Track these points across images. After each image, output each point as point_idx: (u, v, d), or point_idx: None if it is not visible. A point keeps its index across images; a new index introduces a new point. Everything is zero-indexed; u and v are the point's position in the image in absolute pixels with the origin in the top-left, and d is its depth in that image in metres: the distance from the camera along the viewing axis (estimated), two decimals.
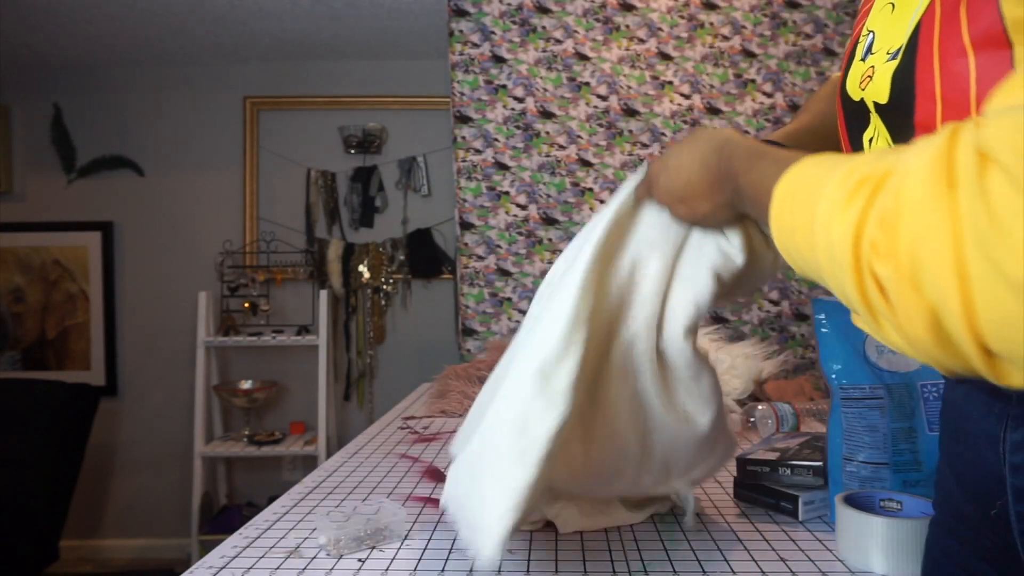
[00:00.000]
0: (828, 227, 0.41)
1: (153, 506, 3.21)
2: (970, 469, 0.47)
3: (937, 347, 0.36)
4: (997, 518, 0.44)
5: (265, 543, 0.83)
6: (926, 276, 0.34)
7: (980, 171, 0.32)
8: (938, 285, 0.34)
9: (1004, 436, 0.43)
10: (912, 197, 0.35)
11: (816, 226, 0.42)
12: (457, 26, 2.35)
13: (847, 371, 0.86)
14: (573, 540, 0.84)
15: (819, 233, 0.42)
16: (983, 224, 0.31)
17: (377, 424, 1.52)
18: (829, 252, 0.41)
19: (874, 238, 0.37)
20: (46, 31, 2.79)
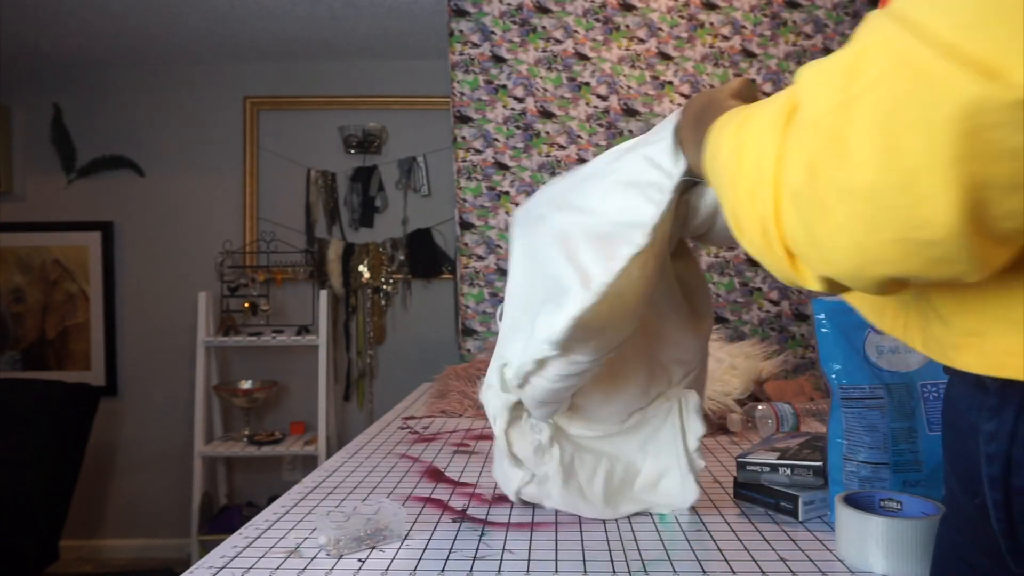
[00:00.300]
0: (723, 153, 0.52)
1: (153, 506, 3.21)
2: (960, 461, 0.48)
3: (765, 249, 0.46)
4: (985, 509, 0.45)
5: (265, 543, 0.83)
6: (757, 189, 0.45)
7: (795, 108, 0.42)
8: (763, 197, 0.44)
9: (980, 426, 0.45)
10: (757, 128, 0.46)
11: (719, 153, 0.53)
12: (457, 26, 2.35)
13: (847, 371, 0.86)
14: (573, 540, 0.84)
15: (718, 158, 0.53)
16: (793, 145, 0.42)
17: (377, 424, 1.52)
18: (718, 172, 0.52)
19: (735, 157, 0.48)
20: (46, 31, 2.79)
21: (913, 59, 0.35)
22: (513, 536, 0.85)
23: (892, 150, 0.36)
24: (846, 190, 0.38)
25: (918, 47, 0.35)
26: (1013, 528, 0.43)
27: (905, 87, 0.35)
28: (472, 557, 0.79)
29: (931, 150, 0.35)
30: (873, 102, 0.37)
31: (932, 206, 0.36)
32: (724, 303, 2.30)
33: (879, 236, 0.38)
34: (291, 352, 3.19)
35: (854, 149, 0.37)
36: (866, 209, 0.38)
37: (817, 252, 0.42)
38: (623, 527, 0.88)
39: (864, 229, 0.38)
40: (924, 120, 0.35)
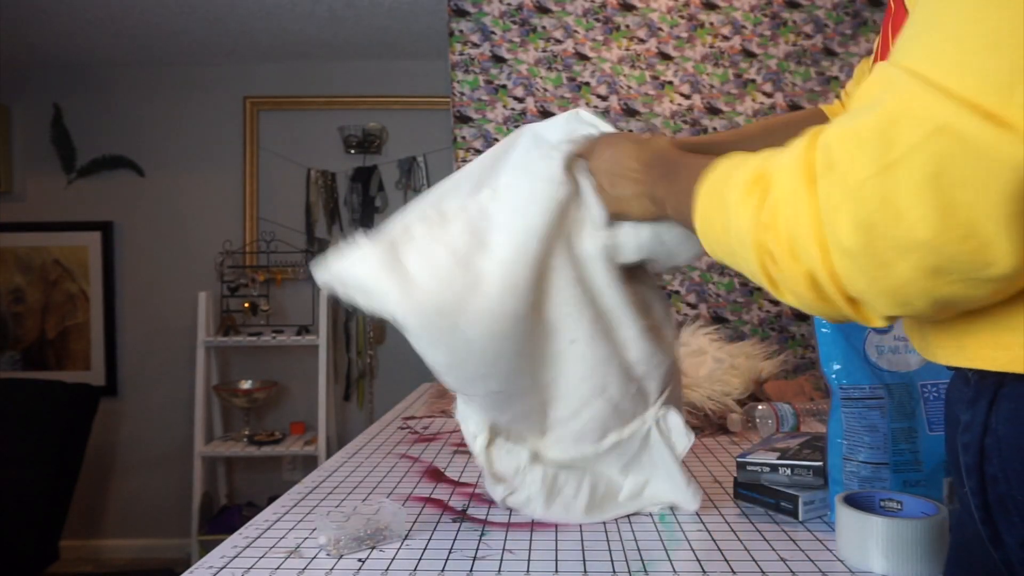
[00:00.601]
0: (737, 216, 0.52)
1: (153, 506, 3.21)
2: (951, 453, 0.50)
3: (818, 301, 0.48)
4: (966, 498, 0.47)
5: (265, 543, 0.83)
6: (800, 249, 0.46)
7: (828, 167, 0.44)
8: (809, 254, 0.45)
9: (960, 418, 0.47)
10: (785, 189, 0.47)
11: (728, 216, 0.54)
12: (457, 26, 2.35)
13: (847, 371, 0.86)
14: (573, 540, 0.84)
15: (731, 219, 0.53)
16: (826, 205, 0.43)
17: (377, 424, 1.52)
18: (738, 236, 0.52)
19: (764, 220, 0.49)
20: (46, 31, 2.79)
21: (955, 125, 0.38)
22: (513, 536, 0.85)
23: (947, 206, 0.38)
24: (906, 247, 0.40)
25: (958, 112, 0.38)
26: (989, 515, 0.45)
27: (950, 150, 0.38)
28: (472, 557, 0.79)
29: (988, 207, 0.37)
30: (919, 163, 0.39)
31: (994, 251, 0.39)
32: (724, 303, 2.30)
33: (946, 279, 0.41)
34: (291, 352, 3.19)
35: (907, 210, 0.39)
36: (930, 260, 0.40)
37: (882, 298, 0.44)
38: (623, 527, 0.88)
39: (930, 277, 0.41)
40: (976, 181, 0.37)
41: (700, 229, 0.60)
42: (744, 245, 0.52)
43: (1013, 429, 0.43)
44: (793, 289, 0.49)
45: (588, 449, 0.89)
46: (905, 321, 0.54)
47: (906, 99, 0.40)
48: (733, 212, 0.53)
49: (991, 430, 0.44)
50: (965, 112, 0.37)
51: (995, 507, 0.44)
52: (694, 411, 1.40)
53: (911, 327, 0.54)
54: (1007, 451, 0.43)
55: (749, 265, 0.53)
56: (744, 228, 0.52)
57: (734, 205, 0.53)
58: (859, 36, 2.33)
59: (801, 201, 0.46)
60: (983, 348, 0.44)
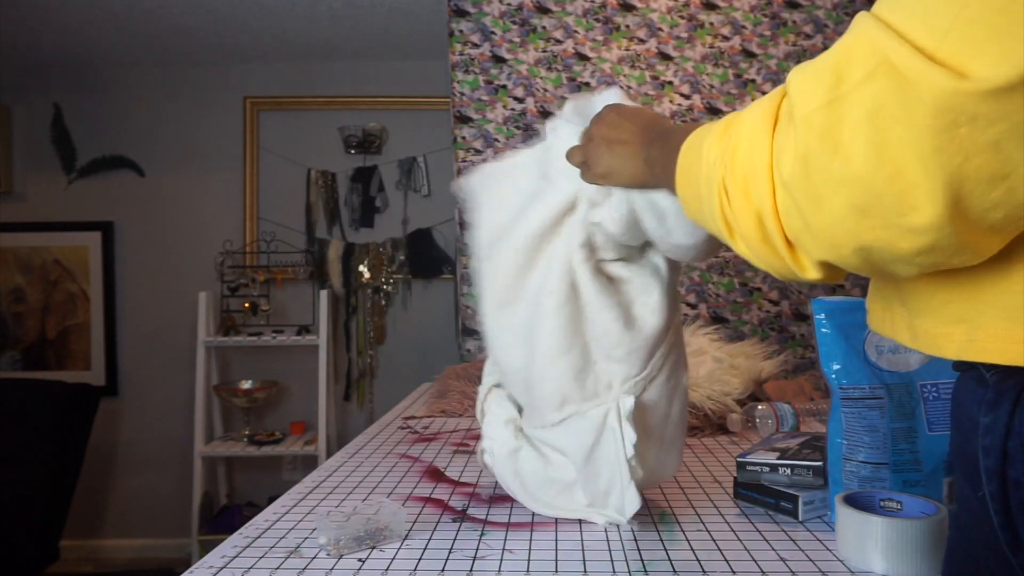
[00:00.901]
0: (708, 160, 0.54)
1: (153, 506, 3.21)
2: (963, 456, 0.49)
3: (763, 244, 0.49)
4: (985, 502, 0.46)
5: (265, 543, 0.83)
6: (752, 186, 0.47)
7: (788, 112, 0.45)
8: (759, 191, 0.47)
9: (980, 420, 0.46)
10: (748, 131, 0.49)
11: (700, 162, 0.55)
12: (457, 26, 2.35)
13: (847, 371, 0.86)
14: (573, 540, 0.84)
15: (703, 165, 0.55)
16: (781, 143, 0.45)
17: (377, 424, 1.52)
18: (707, 179, 0.54)
19: (726, 158, 0.51)
20: (46, 31, 2.79)
21: (895, 60, 0.39)
22: (513, 536, 0.85)
23: (881, 143, 0.39)
24: (839, 180, 0.41)
25: (899, 49, 0.39)
26: (1010, 519, 0.44)
27: (889, 85, 0.39)
28: (472, 557, 0.79)
29: (915, 143, 0.38)
30: (861, 99, 0.40)
31: (917, 195, 0.39)
32: (724, 303, 2.30)
33: (871, 222, 0.41)
34: (291, 352, 3.19)
35: (845, 142, 0.41)
36: (858, 197, 0.41)
37: (813, 238, 0.45)
38: (623, 527, 0.88)
39: (857, 216, 0.42)
40: (907, 115, 0.38)
41: (679, 183, 0.61)
42: (709, 186, 0.53)
43: None
44: (742, 230, 0.50)
45: (548, 417, 0.89)
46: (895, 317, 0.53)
47: (864, 39, 0.41)
48: (704, 157, 0.55)
49: (1015, 432, 0.43)
50: (904, 48, 0.39)
51: (1017, 512, 0.43)
52: (694, 411, 1.40)
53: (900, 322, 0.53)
54: None
55: (711, 208, 0.53)
56: (709, 169, 0.53)
57: (706, 151, 0.54)
58: None
59: (760, 141, 0.47)
60: (994, 341, 0.43)
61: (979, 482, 0.46)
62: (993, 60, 0.36)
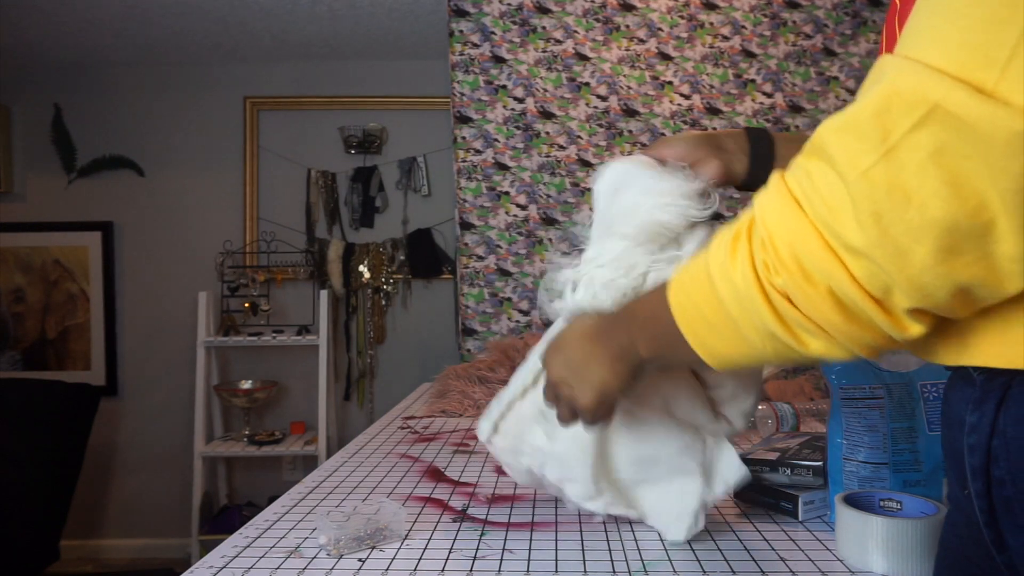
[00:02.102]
0: (728, 279, 0.49)
1: (153, 506, 3.21)
2: (951, 454, 0.50)
3: (847, 321, 0.44)
4: (971, 499, 0.46)
5: (265, 543, 0.83)
6: (811, 267, 0.44)
7: (810, 179, 0.43)
8: (823, 269, 0.43)
9: (966, 419, 0.46)
10: (774, 219, 0.46)
11: (717, 288, 0.50)
12: (457, 26, 2.35)
13: (847, 371, 0.86)
14: (573, 540, 0.84)
15: (722, 291, 0.50)
16: (824, 213, 0.42)
17: (377, 424, 1.52)
18: (736, 296, 0.49)
19: (764, 260, 0.46)
20: (46, 31, 2.79)
21: (949, 106, 0.37)
22: (513, 536, 0.85)
23: (955, 180, 0.38)
24: (920, 228, 0.39)
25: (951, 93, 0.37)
26: (994, 518, 0.44)
27: (947, 128, 0.37)
28: (472, 557, 0.79)
29: (991, 178, 0.37)
30: (918, 143, 0.38)
31: (1002, 226, 0.38)
32: None
33: (964, 260, 0.39)
34: (291, 352, 3.19)
35: (915, 189, 0.39)
36: (946, 240, 0.39)
37: (907, 292, 0.42)
38: (623, 527, 0.88)
39: (948, 258, 0.40)
40: (976, 153, 0.37)
41: (687, 326, 0.55)
42: (748, 303, 0.48)
43: (1022, 431, 0.42)
44: (818, 319, 0.45)
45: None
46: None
47: (898, 82, 0.40)
48: (722, 277, 0.50)
49: (999, 432, 0.43)
50: (957, 89, 0.37)
51: (1000, 510, 0.44)
52: None
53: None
54: (1015, 453, 0.43)
55: (760, 320, 0.48)
56: (742, 281, 0.48)
57: (720, 271, 0.50)
58: (859, 36, 2.33)
59: (795, 221, 0.44)
60: (991, 345, 0.44)
61: (966, 480, 0.46)
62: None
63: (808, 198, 0.44)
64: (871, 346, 0.46)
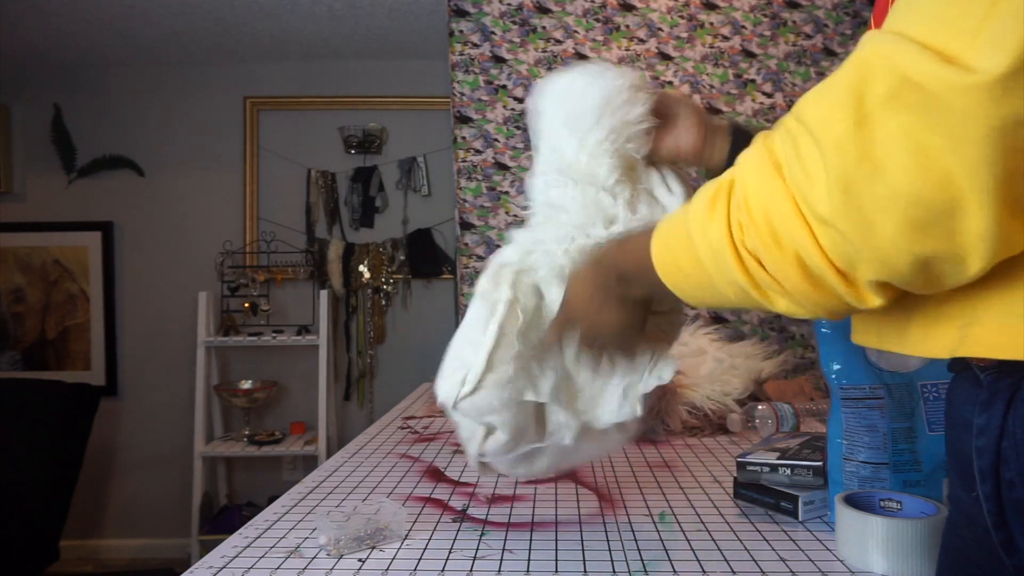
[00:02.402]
0: (705, 236, 0.51)
1: (153, 506, 3.21)
2: (957, 456, 0.49)
3: (811, 287, 0.46)
4: (979, 502, 0.46)
5: (265, 543, 0.83)
6: (782, 232, 0.45)
7: (794, 145, 0.43)
8: (792, 235, 0.44)
9: (973, 421, 0.46)
10: (753, 181, 0.47)
11: (694, 243, 0.52)
12: (457, 26, 2.35)
13: (847, 371, 0.86)
14: (573, 540, 0.84)
15: (699, 247, 0.52)
16: (800, 178, 0.43)
17: (377, 424, 1.52)
18: (711, 253, 0.50)
19: (739, 220, 0.48)
20: (46, 31, 2.79)
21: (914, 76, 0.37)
22: (513, 536, 0.85)
23: (922, 154, 0.38)
24: (887, 199, 0.39)
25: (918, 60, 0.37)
26: (1003, 519, 0.44)
27: (915, 101, 0.37)
28: (472, 557, 0.79)
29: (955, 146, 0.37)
30: (888, 114, 0.38)
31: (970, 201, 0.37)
32: None
33: (928, 233, 0.40)
34: (291, 352, 3.19)
35: (883, 160, 0.39)
36: (911, 212, 0.39)
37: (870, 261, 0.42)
38: (623, 527, 0.88)
39: (913, 231, 0.40)
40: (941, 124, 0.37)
41: (668, 278, 0.57)
42: (722, 260, 0.50)
43: None
44: (784, 283, 0.47)
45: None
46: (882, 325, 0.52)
47: (873, 52, 0.40)
48: (699, 234, 0.51)
49: (1008, 433, 0.43)
50: (924, 58, 0.37)
51: (1011, 512, 0.43)
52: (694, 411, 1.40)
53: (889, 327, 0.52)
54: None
55: (731, 276, 0.50)
56: (716, 239, 0.50)
57: (699, 228, 0.52)
58: (859, 36, 2.33)
59: (771, 185, 0.45)
60: (989, 335, 0.43)
61: (973, 482, 0.46)
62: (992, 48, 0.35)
63: (788, 163, 0.44)
64: (834, 312, 0.48)
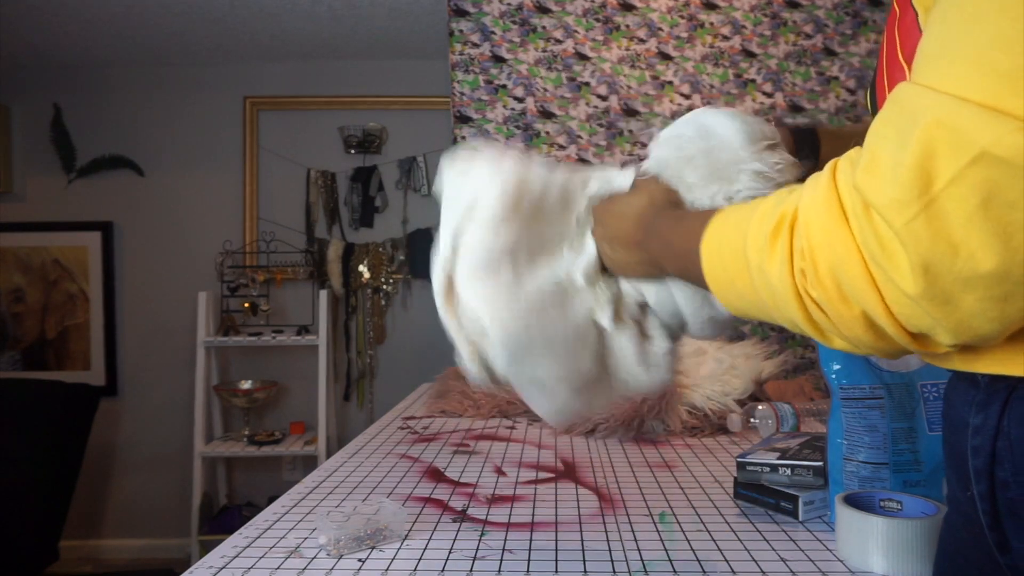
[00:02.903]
0: (763, 270, 0.49)
1: (153, 506, 3.21)
2: (953, 455, 0.49)
3: (877, 341, 0.45)
4: (975, 502, 0.46)
5: (265, 543, 0.83)
6: (849, 291, 0.43)
7: (864, 206, 0.41)
8: (860, 296, 0.43)
9: (969, 421, 0.46)
10: (818, 231, 0.44)
11: (751, 270, 0.51)
12: (457, 26, 2.35)
13: (847, 371, 0.86)
14: (573, 540, 0.84)
15: (756, 276, 0.50)
16: (875, 248, 0.41)
17: (377, 424, 1.52)
18: (770, 290, 0.49)
19: (802, 268, 0.46)
20: (46, 31, 2.79)
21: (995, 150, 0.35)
22: (513, 536, 0.85)
23: (1003, 232, 0.37)
24: (968, 279, 0.38)
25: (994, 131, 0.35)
26: (998, 520, 0.44)
27: (995, 174, 0.36)
28: (472, 557, 0.79)
29: None
30: (962, 193, 0.37)
31: None
32: None
33: (1016, 306, 0.39)
34: (291, 352, 3.19)
35: (962, 243, 0.37)
36: (997, 290, 0.38)
37: (951, 333, 0.41)
38: (623, 527, 0.88)
39: (1000, 303, 0.39)
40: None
41: (717, 288, 0.57)
42: (781, 298, 0.49)
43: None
44: (847, 334, 0.46)
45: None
46: None
47: (938, 125, 0.37)
48: (758, 265, 0.50)
49: (1003, 433, 0.43)
50: (1006, 129, 0.35)
51: (1004, 512, 0.43)
52: (694, 411, 1.40)
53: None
54: (1020, 455, 0.42)
55: (789, 316, 0.49)
56: (777, 280, 0.48)
57: (758, 258, 0.50)
58: (859, 36, 2.33)
59: (840, 241, 0.43)
60: (1003, 353, 0.43)
61: (968, 482, 0.46)
62: None
63: (857, 217, 0.42)
64: (896, 355, 0.48)
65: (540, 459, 1.21)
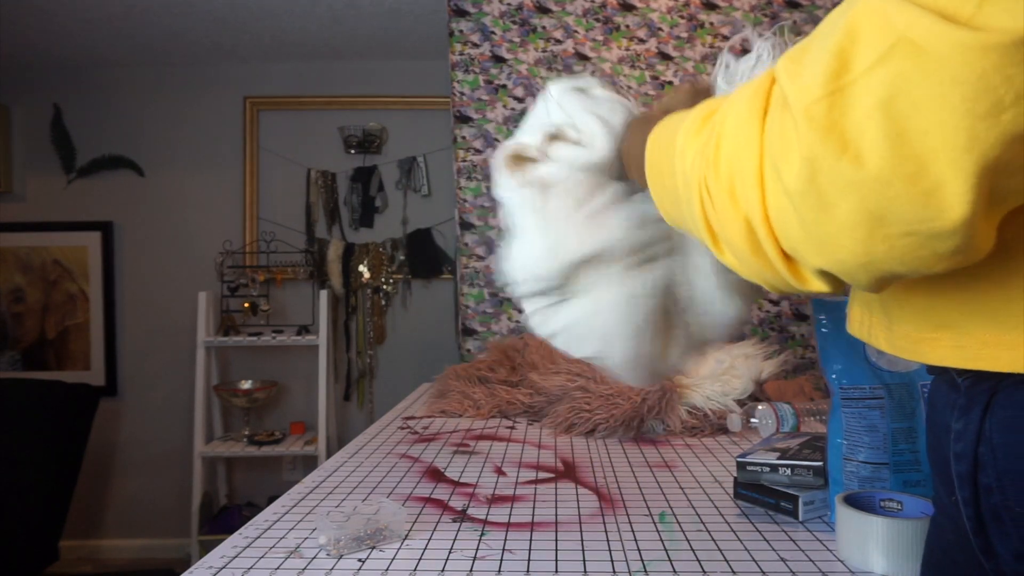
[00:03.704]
0: (683, 154, 0.48)
1: (153, 506, 3.21)
2: (937, 459, 0.49)
3: (753, 254, 0.43)
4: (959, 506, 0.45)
5: (265, 543, 0.83)
6: (739, 188, 0.41)
7: (783, 101, 0.38)
8: (747, 196, 0.41)
9: (951, 426, 0.45)
10: (733, 121, 0.42)
11: (674, 156, 0.49)
12: (457, 26, 2.35)
13: (847, 371, 0.86)
14: (573, 540, 0.84)
15: (676, 161, 0.49)
16: (775, 142, 0.38)
17: (377, 424, 1.52)
18: (684, 175, 0.48)
19: (708, 154, 0.44)
20: (46, 31, 2.79)
21: (914, 36, 0.32)
22: (513, 536, 0.85)
23: (899, 136, 0.33)
24: (848, 183, 0.35)
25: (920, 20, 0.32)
26: (982, 525, 0.44)
27: (908, 67, 0.32)
28: (472, 557, 0.79)
29: (943, 132, 0.32)
30: (870, 85, 0.34)
31: (944, 194, 0.33)
32: None
33: (886, 231, 0.35)
34: (291, 352, 3.19)
35: (853, 138, 0.34)
36: (873, 202, 0.35)
37: (816, 249, 0.39)
38: (623, 527, 0.88)
39: (870, 224, 0.36)
40: (933, 99, 0.32)
41: (650, 180, 0.55)
42: (688, 186, 0.47)
43: (1008, 437, 0.41)
44: (729, 238, 0.44)
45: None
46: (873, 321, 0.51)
47: (867, 9, 0.35)
48: (679, 151, 0.48)
49: (985, 439, 0.42)
50: (928, 18, 0.32)
51: (988, 518, 0.43)
52: (694, 411, 1.40)
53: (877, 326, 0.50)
54: (1002, 460, 0.41)
55: (692, 210, 0.47)
56: (689, 166, 0.46)
57: (681, 144, 0.48)
58: None
59: (747, 135, 0.41)
60: (984, 347, 0.41)
61: (952, 487, 0.45)
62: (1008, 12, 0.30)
63: (773, 111, 0.39)
64: (776, 288, 0.45)
65: (540, 459, 1.21)
